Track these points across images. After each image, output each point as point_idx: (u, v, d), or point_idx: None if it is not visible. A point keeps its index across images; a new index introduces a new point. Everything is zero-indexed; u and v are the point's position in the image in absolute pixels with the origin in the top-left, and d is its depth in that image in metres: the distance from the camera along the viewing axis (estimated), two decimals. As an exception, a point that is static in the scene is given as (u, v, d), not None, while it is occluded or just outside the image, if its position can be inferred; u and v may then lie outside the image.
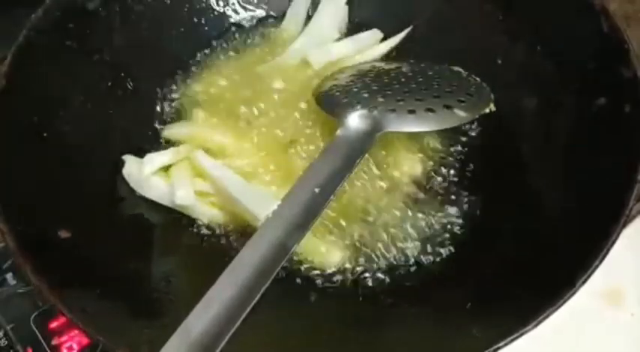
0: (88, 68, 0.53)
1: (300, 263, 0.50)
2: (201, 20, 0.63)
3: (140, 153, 0.53)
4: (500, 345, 0.37)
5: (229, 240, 0.52)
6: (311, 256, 0.50)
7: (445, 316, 0.44)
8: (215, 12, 0.63)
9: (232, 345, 0.36)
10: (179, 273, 0.49)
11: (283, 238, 0.39)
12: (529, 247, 0.46)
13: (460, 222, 0.52)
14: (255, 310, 0.37)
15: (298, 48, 0.60)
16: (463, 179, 0.54)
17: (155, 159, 0.52)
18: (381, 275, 0.50)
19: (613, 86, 0.47)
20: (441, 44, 0.60)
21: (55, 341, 0.53)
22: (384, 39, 0.62)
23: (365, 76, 0.54)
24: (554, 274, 0.42)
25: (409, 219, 0.52)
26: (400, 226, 0.52)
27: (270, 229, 0.40)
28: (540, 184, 0.50)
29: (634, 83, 0.45)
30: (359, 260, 0.50)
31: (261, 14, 0.65)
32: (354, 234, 0.51)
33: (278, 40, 0.63)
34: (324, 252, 0.50)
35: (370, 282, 0.50)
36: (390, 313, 0.47)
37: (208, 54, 0.62)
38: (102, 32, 0.55)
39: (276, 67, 0.60)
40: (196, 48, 0.62)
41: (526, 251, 0.46)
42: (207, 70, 0.61)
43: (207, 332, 0.35)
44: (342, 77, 0.54)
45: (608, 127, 0.46)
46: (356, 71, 0.55)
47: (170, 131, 0.56)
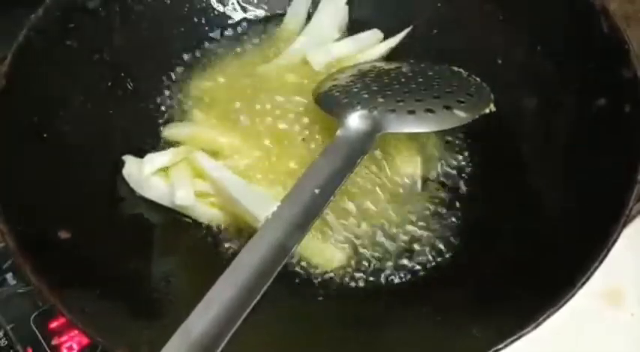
0: (88, 68, 0.53)
1: (300, 263, 0.50)
2: (201, 20, 0.63)
3: (140, 153, 0.53)
4: (500, 347, 0.37)
5: (229, 241, 0.51)
6: (311, 256, 0.50)
7: (445, 316, 0.44)
8: (215, 12, 0.63)
9: (232, 345, 0.36)
10: (179, 274, 0.49)
11: (283, 239, 0.40)
12: (529, 247, 0.46)
13: (460, 223, 0.52)
14: (255, 310, 0.37)
15: (298, 48, 0.60)
16: (463, 179, 0.54)
17: (155, 159, 0.52)
18: (381, 275, 0.50)
19: (613, 86, 0.47)
20: (441, 44, 0.60)
21: (55, 341, 0.53)
22: (384, 39, 0.62)
23: (365, 76, 0.53)
24: (554, 274, 0.42)
25: (409, 219, 0.52)
26: (400, 226, 0.52)
27: (269, 230, 0.40)
28: (540, 184, 0.50)
29: (634, 83, 0.45)
30: (359, 260, 0.50)
31: (261, 14, 0.65)
32: (354, 235, 0.51)
33: (278, 40, 0.63)
34: (324, 253, 0.50)
35: (370, 283, 0.50)
36: (390, 313, 0.47)
37: (208, 54, 0.62)
38: (102, 32, 0.55)
39: (276, 67, 0.60)
40: (196, 48, 0.62)
41: (526, 251, 0.46)
42: (207, 70, 0.60)
43: (207, 332, 0.35)
44: (342, 77, 0.54)
45: (608, 127, 0.46)
46: (356, 71, 0.55)
47: (170, 131, 0.56)
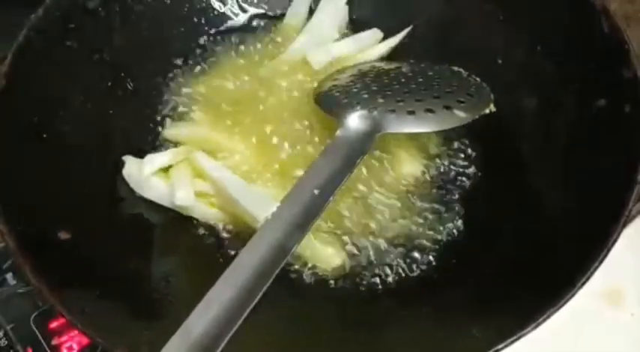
0: (88, 68, 0.53)
1: (300, 264, 0.50)
2: (201, 20, 0.63)
3: (140, 153, 0.53)
4: (500, 347, 0.37)
5: (229, 241, 0.51)
6: (311, 257, 0.50)
7: (445, 316, 0.44)
8: (215, 12, 0.63)
9: (232, 345, 0.36)
10: (179, 274, 0.49)
11: (283, 239, 0.39)
12: (529, 247, 0.46)
13: (460, 223, 0.52)
14: (255, 310, 0.37)
15: (298, 47, 0.60)
16: (463, 179, 0.54)
17: (155, 159, 0.52)
18: (381, 275, 0.50)
19: (613, 86, 0.47)
20: (441, 44, 0.60)
21: (55, 341, 0.53)
22: (384, 38, 0.62)
23: (365, 77, 0.53)
24: (554, 274, 0.42)
25: (409, 220, 0.52)
26: (400, 226, 0.52)
27: (269, 231, 0.40)
28: (540, 184, 0.50)
29: (634, 83, 0.45)
30: (359, 260, 0.50)
31: (261, 14, 0.65)
32: (354, 235, 0.51)
33: (278, 40, 0.62)
34: (324, 253, 0.50)
35: (370, 283, 0.50)
36: (390, 313, 0.47)
37: (208, 54, 0.61)
38: (102, 32, 0.55)
39: (276, 67, 0.59)
40: (196, 48, 0.62)
41: (526, 251, 0.46)
42: (207, 70, 0.60)
43: (207, 333, 0.35)
44: (342, 77, 0.54)
45: (608, 127, 0.46)
46: (356, 71, 0.55)
47: (170, 131, 0.56)
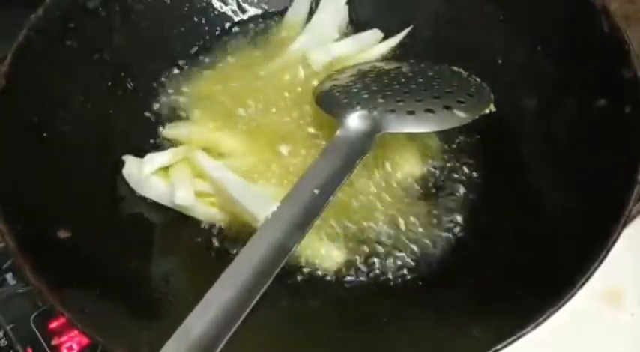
0: (88, 68, 0.53)
1: (300, 264, 0.50)
2: (201, 20, 0.63)
3: (140, 153, 0.53)
4: (499, 347, 0.37)
5: (229, 241, 0.51)
6: (311, 257, 0.50)
7: (445, 316, 0.44)
8: (215, 11, 0.63)
9: (232, 346, 0.36)
10: (179, 274, 0.49)
11: (282, 239, 0.39)
12: (529, 247, 0.46)
13: (460, 222, 0.52)
14: (255, 310, 0.37)
15: (298, 47, 0.60)
16: (463, 179, 0.54)
17: (155, 159, 0.52)
18: (381, 275, 0.50)
19: (613, 86, 0.47)
20: (441, 44, 0.60)
21: (55, 341, 0.53)
22: (385, 39, 0.62)
23: (365, 77, 0.53)
24: (554, 274, 0.41)
25: (409, 220, 0.52)
26: (400, 226, 0.52)
27: (269, 230, 0.40)
28: (540, 184, 0.50)
29: (634, 83, 0.45)
30: (358, 260, 0.50)
31: (261, 14, 0.65)
32: (354, 235, 0.51)
33: (278, 40, 0.62)
34: (324, 253, 0.50)
35: (370, 283, 0.49)
36: (390, 313, 0.47)
37: (209, 54, 0.61)
38: (102, 32, 0.55)
39: (276, 67, 0.59)
40: (197, 47, 0.62)
41: (526, 251, 0.46)
42: (207, 70, 0.60)
43: (206, 333, 0.35)
44: (342, 77, 0.54)
45: (608, 127, 0.46)
46: (356, 71, 0.55)
47: (170, 131, 0.56)
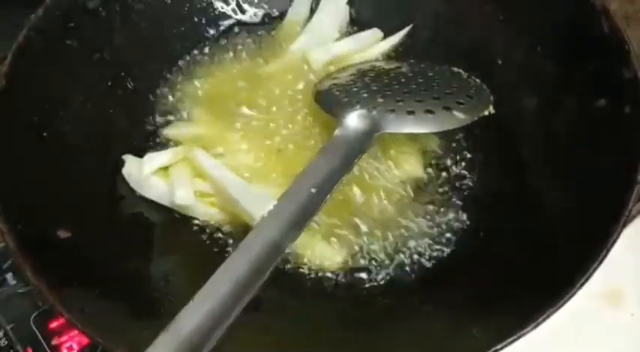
0: (89, 68, 0.53)
1: (300, 263, 0.50)
2: (201, 19, 0.63)
3: (140, 153, 0.53)
4: (499, 347, 0.37)
5: (228, 240, 0.51)
6: (311, 256, 0.50)
7: (445, 316, 0.44)
8: (216, 11, 0.63)
9: (232, 345, 0.36)
10: (178, 273, 0.49)
11: (278, 238, 0.39)
12: (529, 247, 0.46)
13: (460, 222, 0.52)
14: (255, 310, 0.36)
15: (299, 47, 0.60)
16: (463, 179, 0.54)
17: (155, 158, 0.52)
18: (381, 275, 0.50)
19: (613, 86, 0.47)
20: (441, 44, 0.60)
21: (55, 341, 0.53)
22: (385, 38, 0.62)
23: (365, 76, 0.53)
24: (554, 274, 0.41)
25: (409, 219, 0.52)
26: (400, 226, 0.52)
27: (264, 229, 0.39)
28: (540, 184, 0.50)
29: (634, 84, 0.45)
30: (359, 260, 0.50)
31: (262, 13, 0.65)
32: (354, 234, 0.51)
33: (278, 40, 0.62)
34: (324, 253, 0.50)
35: (370, 283, 0.49)
36: (390, 313, 0.47)
37: (209, 53, 0.61)
38: (102, 31, 0.55)
39: (276, 67, 0.60)
40: (197, 47, 0.62)
41: (526, 251, 0.46)
42: (207, 70, 0.60)
43: (198, 330, 0.34)
44: (342, 76, 0.54)
45: (608, 127, 0.46)
46: (356, 71, 0.55)
47: (170, 131, 0.56)
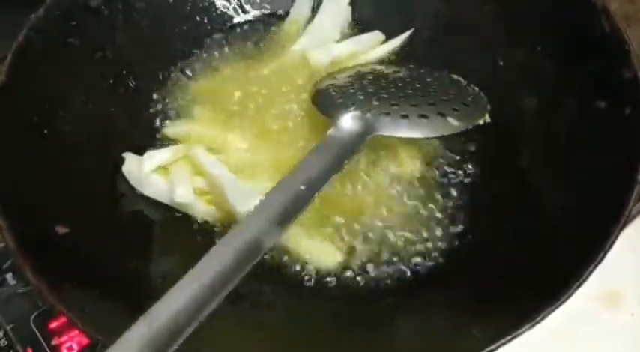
0: (90, 67, 0.53)
1: (298, 263, 0.50)
2: (203, 19, 0.63)
3: (140, 151, 0.53)
4: (497, 345, 0.37)
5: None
6: (309, 256, 0.50)
7: (445, 316, 0.44)
8: (217, 11, 0.64)
9: (230, 345, 0.36)
10: (178, 272, 0.48)
11: (260, 234, 0.38)
12: (529, 247, 0.46)
13: (460, 222, 0.52)
14: (253, 309, 0.36)
15: (299, 48, 0.60)
16: (463, 179, 0.54)
17: (155, 156, 0.52)
18: (380, 275, 0.50)
19: (613, 87, 0.47)
20: (441, 45, 0.60)
21: (55, 341, 0.53)
22: (386, 40, 0.62)
23: (363, 78, 0.54)
24: (553, 274, 0.41)
25: (408, 219, 0.52)
26: (399, 226, 0.52)
27: (249, 224, 0.39)
28: (540, 184, 0.50)
29: (634, 84, 0.45)
30: (358, 260, 0.50)
31: (263, 14, 0.65)
32: (353, 234, 0.51)
33: (279, 40, 0.63)
34: (323, 252, 0.50)
35: (369, 282, 0.49)
36: (390, 313, 0.47)
37: (210, 53, 0.62)
38: (104, 30, 0.55)
39: (277, 67, 0.60)
40: (198, 46, 0.62)
41: (526, 251, 0.46)
42: (208, 69, 0.61)
43: (172, 321, 0.34)
44: (341, 77, 0.54)
45: (608, 127, 0.46)
46: (354, 73, 0.55)
47: (171, 129, 0.56)
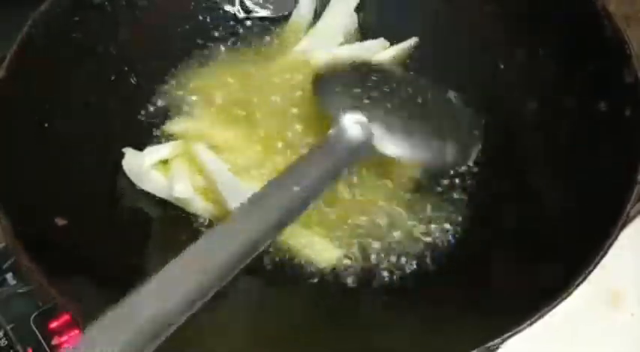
0: (91, 65, 0.53)
1: (296, 261, 0.50)
2: (206, 18, 0.63)
3: (140, 147, 0.53)
4: (496, 342, 0.37)
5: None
6: (308, 255, 0.50)
7: (445, 315, 0.44)
8: (221, 10, 0.64)
9: (229, 345, 0.35)
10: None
11: (252, 233, 0.38)
12: (529, 247, 0.46)
13: (460, 222, 0.52)
14: (251, 309, 0.36)
15: (302, 49, 0.60)
16: (463, 179, 0.54)
17: (155, 151, 0.52)
18: (379, 274, 0.50)
19: (613, 87, 0.47)
20: (442, 46, 0.60)
21: (55, 341, 0.53)
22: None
23: (367, 77, 0.53)
24: (553, 274, 0.41)
25: (408, 219, 0.52)
26: (399, 225, 0.51)
27: (237, 223, 0.38)
28: (540, 184, 0.50)
29: (634, 85, 0.45)
30: (356, 258, 0.50)
31: (266, 14, 0.65)
32: (352, 233, 0.51)
33: (282, 41, 0.63)
34: (321, 251, 0.50)
35: (368, 282, 0.49)
36: (388, 312, 0.47)
37: (212, 52, 0.61)
38: (107, 27, 0.55)
39: (278, 67, 0.60)
40: (200, 45, 0.62)
41: (526, 251, 0.46)
42: (210, 68, 0.61)
43: (156, 316, 0.33)
44: (345, 74, 0.55)
45: (608, 128, 0.47)
46: (358, 67, 0.55)
47: (171, 127, 0.56)
